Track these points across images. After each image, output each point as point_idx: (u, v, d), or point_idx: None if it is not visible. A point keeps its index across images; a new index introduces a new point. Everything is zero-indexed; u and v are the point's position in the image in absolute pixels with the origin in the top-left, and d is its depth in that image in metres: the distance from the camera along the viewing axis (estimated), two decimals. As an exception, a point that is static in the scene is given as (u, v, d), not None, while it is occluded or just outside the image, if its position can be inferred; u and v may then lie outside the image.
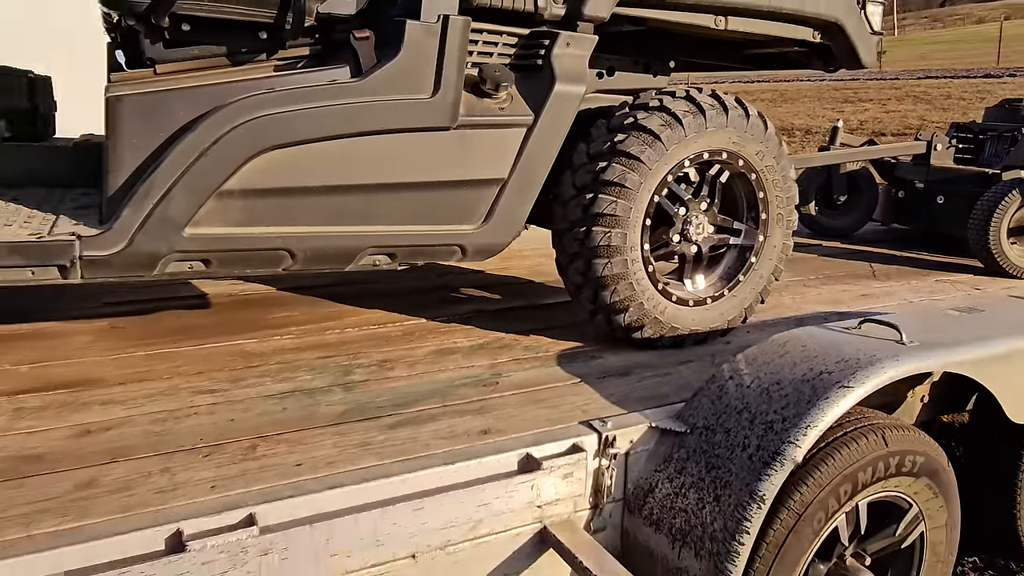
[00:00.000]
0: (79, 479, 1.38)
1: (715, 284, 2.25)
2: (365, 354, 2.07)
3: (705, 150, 2.06)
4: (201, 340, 2.15)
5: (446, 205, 1.77)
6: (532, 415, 1.72)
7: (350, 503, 1.36)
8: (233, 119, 1.50)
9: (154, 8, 1.51)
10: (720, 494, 1.53)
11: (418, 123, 1.67)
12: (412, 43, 1.62)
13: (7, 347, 2.03)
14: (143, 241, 1.49)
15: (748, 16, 2.13)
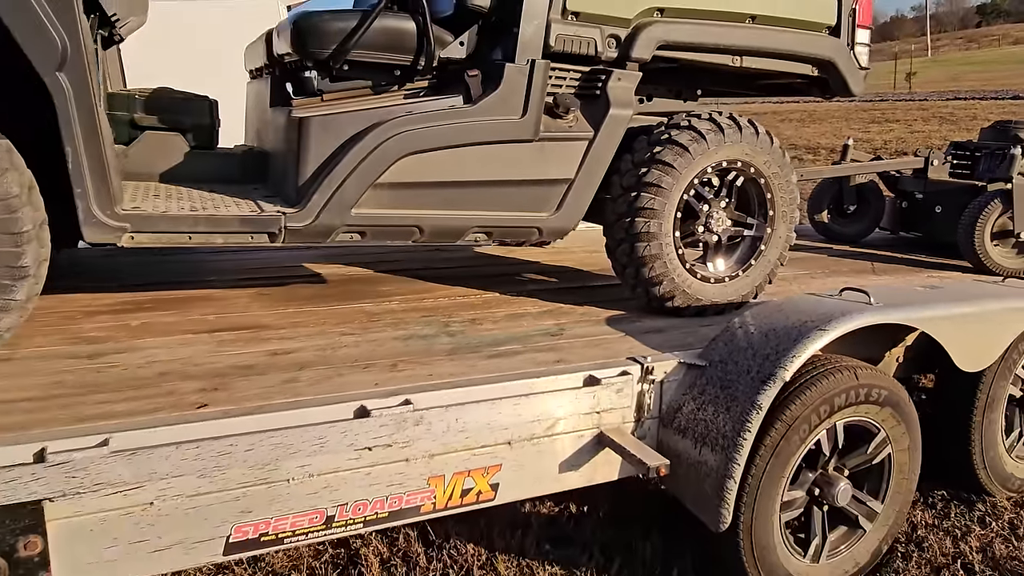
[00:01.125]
0: (284, 377, 2.01)
1: (731, 266, 2.83)
2: (457, 315, 2.68)
3: (724, 159, 2.65)
4: (330, 303, 2.78)
5: (529, 197, 2.39)
6: (591, 353, 2.32)
7: (470, 399, 1.97)
8: (386, 133, 2.14)
9: (333, 55, 2.16)
10: (731, 406, 2.11)
11: (511, 137, 2.30)
12: (509, 80, 2.25)
13: (189, 305, 2.69)
14: (325, 217, 2.13)
15: (758, 56, 2.73)
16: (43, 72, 1.74)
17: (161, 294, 2.83)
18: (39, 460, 1.54)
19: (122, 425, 1.66)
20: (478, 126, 2.25)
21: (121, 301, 2.70)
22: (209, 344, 2.25)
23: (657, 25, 2.48)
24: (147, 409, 1.77)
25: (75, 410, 1.75)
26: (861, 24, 2.85)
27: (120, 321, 2.46)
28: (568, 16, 2.35)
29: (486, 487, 2.07)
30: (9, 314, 1.84)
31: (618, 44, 2.46)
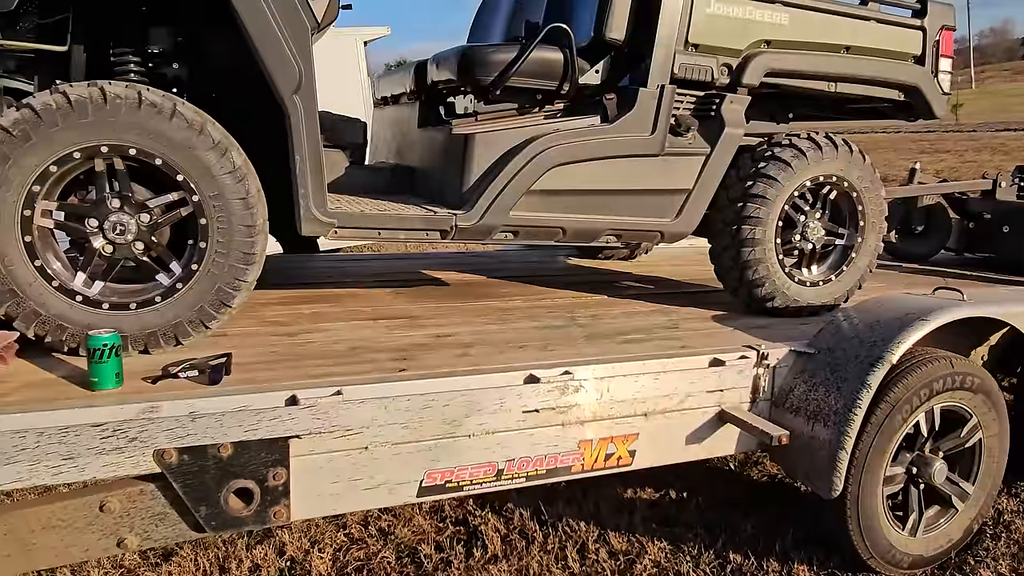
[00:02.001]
0: (456, 352, 2.35)
1: (825, 272, 3.12)
2: (578, 311, 3.01)
3: (821, 174, 2.96)
4: (462, 300, 3.14)
5: (654, 205, 2.73)
6: (709, 341, 2.62)
7: (618, 373, 2.28)
8: (539, 148, 2.50)
9: (494, 82, 2.54)
10: (841, 386, 2.39)
11: (641, 152, 2.65)
12: (642, 102, 2.61)
13: (344, 300, 3.07)
14: (488, 218, 2.49)
15: (852, 82, 3.04)
16: (284, 95, 2.14)
17: (315, 291, 3.21)
18: (292, 403, 1.90)
19: (348, 381, 2.01)
20: (614, 142, 2.60)
21: (283, 296, 3.08)
22: (379, 328, 2.61)
23: (765, 55, 2.82)
24: (359, 371, 2.12)
25: (302, 371, 2.11)
26: (944, 54, 3.15)
27: (293, 310, 2.84)
28: (689, 47, 2.71)
29: (625, 453, 2.37)
30: (240, 293, 2.21)
31: (730, 71, 2.80)
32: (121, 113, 2.00)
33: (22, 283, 1.99)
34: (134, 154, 2.04)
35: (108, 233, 2.07)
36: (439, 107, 2.95)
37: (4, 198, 1.94)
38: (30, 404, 1.77)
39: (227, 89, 2.45)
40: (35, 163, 1.95)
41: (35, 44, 2.20)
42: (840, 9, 2.97)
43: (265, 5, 2.07)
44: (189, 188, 2.09)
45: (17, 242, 1.97)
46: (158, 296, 2.13)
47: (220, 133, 2.12)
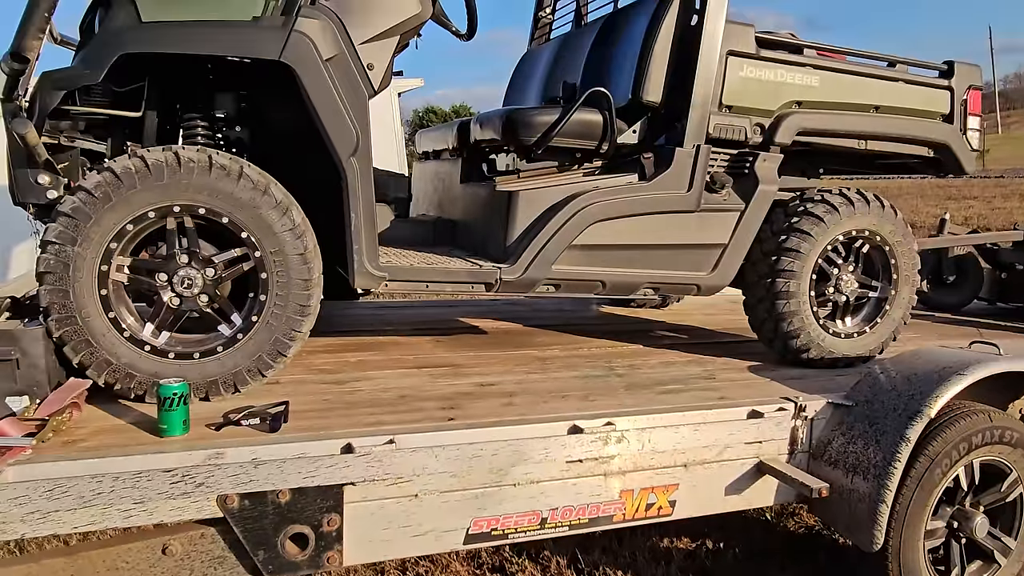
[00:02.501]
0: (501, 402, 2.42)
1: (859, 324, 3.16)
2: (615, 360, 3.07)
3: (853, 229, 3.02)
4: (501, 349, 3.22)
5: (691, 259, 2.81)
6: (746, 393, 2.66)
7: (658, 424, 2.34)
8: (580, 204, 2.61)
9: (537, 143, 2.67)
10: (880, 439, 2.42)
11: (678, 208, 2.74)
12: (678, 161, 2.72)
13: (387, 348, 3.16)
14: (531, 272, 2.59)
15: (881, 140, 3.13)
16: (342, 158, 2.28)
17: (358, 339, 3.32)
18: (347, 451, 1.98)
19: (400, 430, 2.09)
20: (652, 199, 2.70)
21: (329, 344, 3.19)
22: (424, 376, 2.70)
23: (796, 115, 2.92)
24: (409, 420, 2.20)
25: (354, 419, 2.20)
26: (972, 112, 3.24)
27: (340, 358, 2.95)
28: (723, 109, 2.82)
29: (665, 503, 2.41)
30: (295, 343, 2.32)
31: (763, 131, 2.90)
32: (193, 175, 2.14)
33: (97, 334, 2.12)
34: (203, 213, 2.17)
35: (176, 287, 2.20)
36: (481, 164, 3.08)
37: (84, 254, 2.08)
38: (105, 449, 1.87)
39: (285, 150, 2.59)
40: (114, 222, 2.09)
41: (113, 111, 2.36)
42: (869, 71, 3.08)
43: (328, 76, 2.22)
44: (252, 244, 2.22)
45: (94, 295, 2.10)
46: (220, 346, 2.25)
47: (282, 193, 2.26)
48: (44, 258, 2.07)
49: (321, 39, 2.22)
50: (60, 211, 2.08)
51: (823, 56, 3.02)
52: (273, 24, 2.19)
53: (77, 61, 2.21)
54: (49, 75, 2.12)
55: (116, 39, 2.10)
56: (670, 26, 2.76)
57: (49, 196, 2.27)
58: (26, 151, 2.19)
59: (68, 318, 2.09)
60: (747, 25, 2.84)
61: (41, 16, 2.03)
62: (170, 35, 2.13)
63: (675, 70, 2.77)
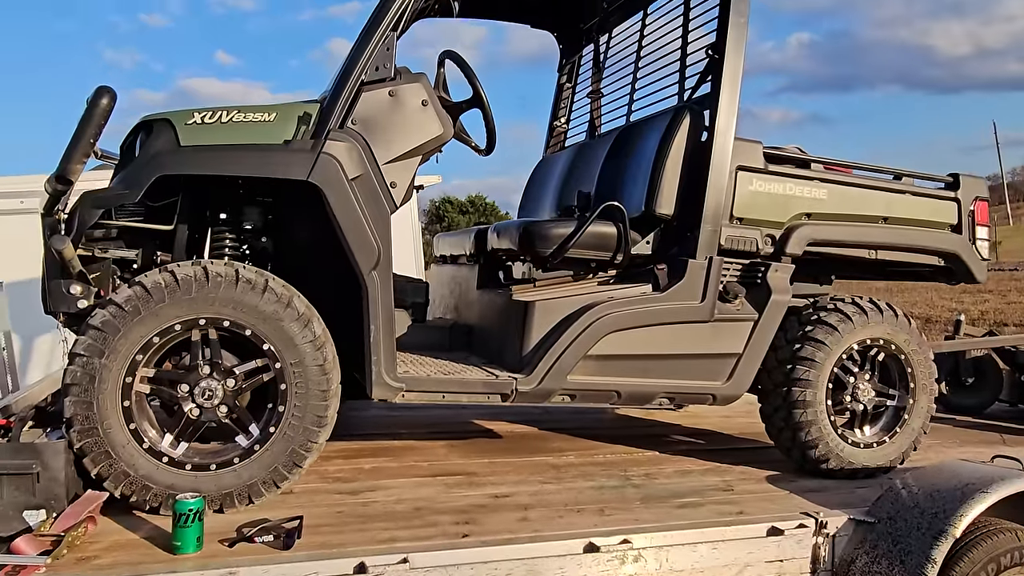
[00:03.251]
0: (516, 516, 2.39)
1: (878, 433, 3.12)
2: (631, 469, 3.04)
3: (868, 338, 3.04)
4: (516, 455, 3.20)
5: (706, 368, 2.83)
6: (765, 508, 2.62)
7: (676, 541, 2.29)
8: (596, 314, 2.65)
9: (552, 255, 2.74)
10: (905, 559, 2.36)
11: (692, 318, 2.78)
12: (691, 272, 2.77)
13: (401, 453, 3.15)
14: (547, 382, 2.60)
15: (891, 250, 3.18)
16: (363, 271, 2.35)
17: (373, 443, 3.31)
18: (360, 571, 1.95)
19: (414, 547, 2.07)
20: (666, 309, 2.74)
21: (343, 449, 3.18)
22: (439, 487, 2.68)
23: (806, 227, 2.99)
24: (423, 536, 2.18)
25: (368, 534, 2.18)
26: (980, 222, 3.30)
27: (354, 465, 2.94)
28: (735, 221, 2.89)
29: (685, 625, 2.33)
30: (311, 454, 2.33)
31: (774, 242, 2.96)
32: (220, 289, 2.21)
33: (117, 445, 2.14)
34: (227, 325, 2.23)
35: (197, 398, 2.23)
36: (498, 271, 3.15)
37: (110, 366, 2.13)
38: (118, 567, 1.86)
39: (310, 259, 2.68)
40: (141, 334, 2.15)
41: (147, 224, 2.47)
42: (875, 184, 3.16)
43: (353, 194, 2.32)
44: (273, 356, 2.26)
45: (117, 407, 2.13)
46: (236, 457, 2.26)
47: (304, 305, 2.32)
48: (71, 370, 2.11)
49: (347, 160, 2.33)
50: (90, 324, 2.14)
51: (830, 170, 3.11)
52: (303, 147, 2.31)
53: (117, 181, 2.32)
54: (90, 195, 2.24)
55: (156, 161, 2.22)
56: (681, 142, 2.88)
57: (80, 305, 2.34)
58: (61, 264, 2.27)
59: (90, 429, 2.11)
60: (755, 142, 2.95)
61: (87, 142, 2.15)
62: (207, 158, 2.25)
63: (687, 184, 2.87)
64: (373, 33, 2.38)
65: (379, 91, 2.41)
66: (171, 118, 2.29)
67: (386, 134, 2.42)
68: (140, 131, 2.34)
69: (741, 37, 2.86)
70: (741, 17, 2.85)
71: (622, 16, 3.81)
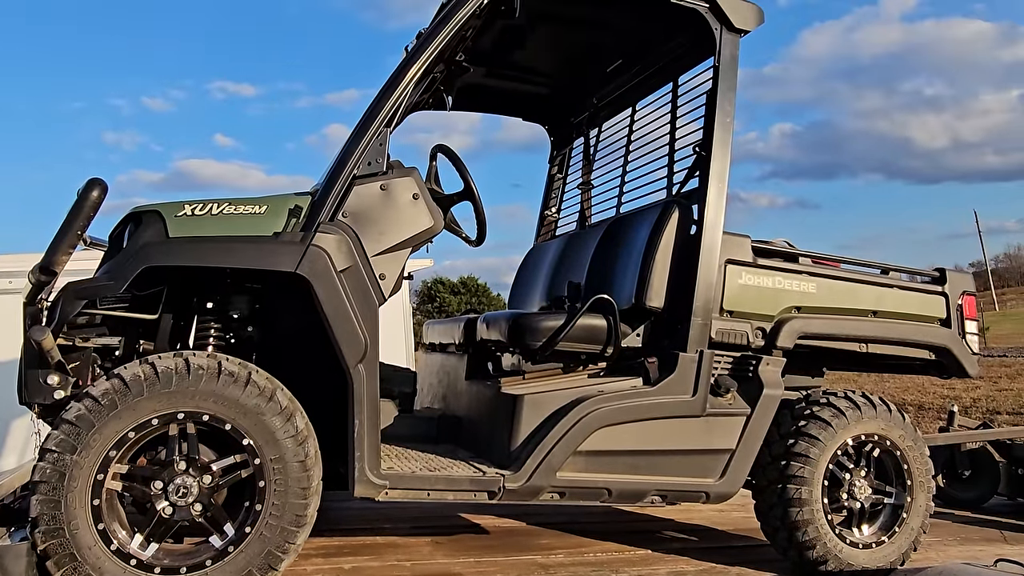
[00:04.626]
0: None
1: (876, 533, 3.03)
2: (623, 570, 2.91)
3: (862, 433, 2.98)
4: (503, 554, 3.07)
5: (698, 465, 2.75)
6: (764, 615, 2.51)
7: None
8: (586, 409, 2.60)
9: (542, 347, 2.71)
10: (911, 674, 2.24)
11: (683, 413, 2.73)
12: (682, 366, 2.74)
13: (383, 552, 3.03)
14: (535, 479, 2.52)
15: (881, 343, 3.17)
16: (349, 364, 2.30)
17: (354, 540, 3.18)
18: None
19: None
20: (657, 403, 2.70)
21: (323, 546, 3.05)
22: (419, 590, 2.55)
23: (796, 320, 2.99)
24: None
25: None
26: (968, 316, 3.31)
27: (334, 565, 2.81)
28: (725, 314, 2.89)
29: None
30: (288, 556, 2.22)
31: (764, 335, 2.95)
32: (201, 382, 2.16)
33: (83, 547, 2.03)
34: (207, 419, 2.17)
35: (171, 495, 2.15)
36: (487, 362, 3.11)
37: (82, 463, 2.05)
38: None
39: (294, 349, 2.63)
40: (117, 430, 2.08)
41: (131, 314, 2.43)
42: (863, 278, 3.18)
43: (341, 286, 2.30)
44: (253, 451, 2.19)
45: (86, 506, 2.04)
46: (209, 559, 2.15)
47: (287, 398, 2.26)
48: (41, 467, 2.03)
49: (336, 252, 2.32)
50: (64, 418, 2.07)
51: (818, 263, 3.13)
52: (292, 239, 2.31)
53: (103, 272, 2.30)
54: (73, 285, 2.21)
55: (143, 253, 2.21)
56: (671, 235, 2.90)
57: (56, 396, 2.27)
58: (40, 354, 2.22)
59: (56, 530, 2.02)
60: (743, 236, 2.97)
61: (75, 233, 2.14)
62: (195, 250, 2.24)
63: (676, 276, 2.87)
64: (367, 129, 2.42)
65: (371, 185, 2.43)
66: (161, 210, 2.29)
67: (376, 227, 2.42)
68: (129, 222, 2.34)
69: (727, 135, 2.92)
70: (727, 117, 2.93)
71: (611, 112, 3.91)
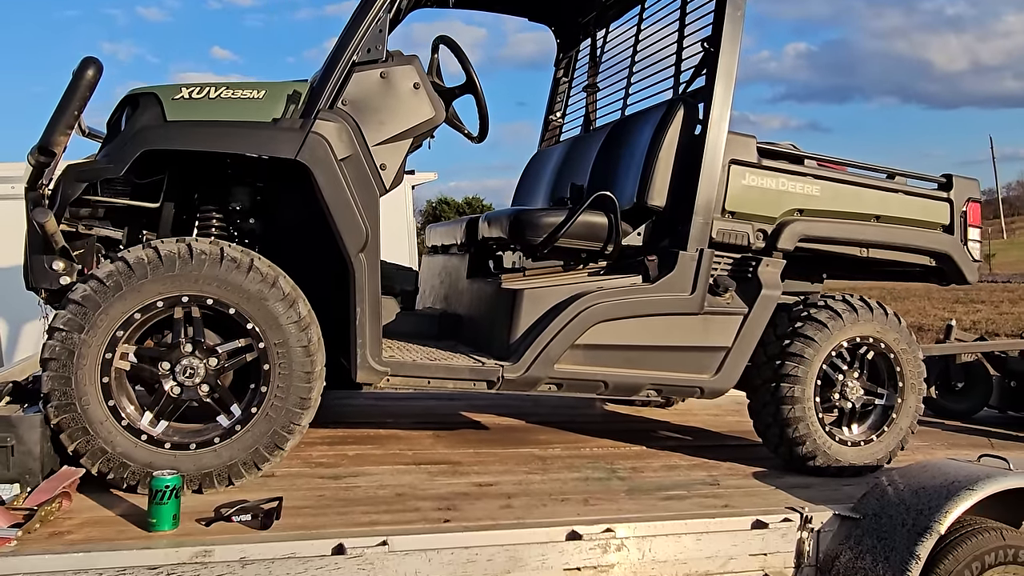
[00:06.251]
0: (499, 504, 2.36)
1: (865, 432, 3.11)
2: (618, 462, 3.01)
3: (857, 335, 3.02)
4: (501, 446, 3.17)
5: (694, 361, 2.81)
6: (751, 501, 2.59)
7: (660, 532, 2.27)
8: (585, 304, 2.64)
9: (543, 243, 2.72)
10: (889, 555, 2.34)
11: (681, 310, 2.76)
12: (682, 264, 2.76)
13: (386, 442, 3.13)
14: (534, 370, 2.58)
15: (883, 248, 3.17)
16: (351, 253, 2.32)
17: (358, 431, 3.28)
18: (338, 552, 1.93)
19: (394, 531, 2.04)
20: (656, 300, 2.73)
21: (328, 436, 3.15)
22: (422, 474, 2.65)
23: (798, 223, 2.98)
24: (404, 520, 2.15)
25: (349, 517, 2.15)
26: (972, 224, 3.29)
27: (338, 451, 2.91)
28: (726, 215, 2.88)
29: (667, 619, 2.31)
30: (293, 436, 2.30)
31: (765, 237, 2.95)
32: (204, 267, 2.18)
33: (95, 422, 2.11)
34: (211, 303, 2.21)
35: (178, 376, 2.21)
36: (488, 260, 3.13)
37: (90, 342, 2.10)
38: (92, 543, 1.83)
39: (295, 241, 2.65)
40: (122, 310, 2.12)
41: (132, 202, 2.44)
42: (868, 182, 3.15)
43: (341, 175, 2.30)
44: (257, 336, 2.24)
45: (96, 383, 2.10)
46: (217, 437, 2.23)
47: (290, 286, 2.29)
48: (50, 344, 2.09)
49: (337, 140, 2.30)
50: (71, 298, 2.11)
51: (824, 166, 3.10)
52: (292, 126, 2.29)
53: (102, 156, 2.29)
54: (74, 168, 2.21)
55: (141, 136, 2.19)
56: (675, 134, 2.86)
57: (62, 282, 2.31)
58: (44, 238, 2.25)
59: (68, 405, 2.08)
60: (749, 136, 2.93)
61: (71, 113, 2.13)
62: (193, 134, 2.22)
63: (679, 176, 2.85)
64: (366, 13, 2.36)
65: (370, 72, 2.39)
66: (158, 92, 2.26)
67: (377, 116, 2.39)
68: (127, 105, 2.31)
69: (737, 30, 2.84)
70: (737, 10, 2.84)
71: (620, 11, 3.80)
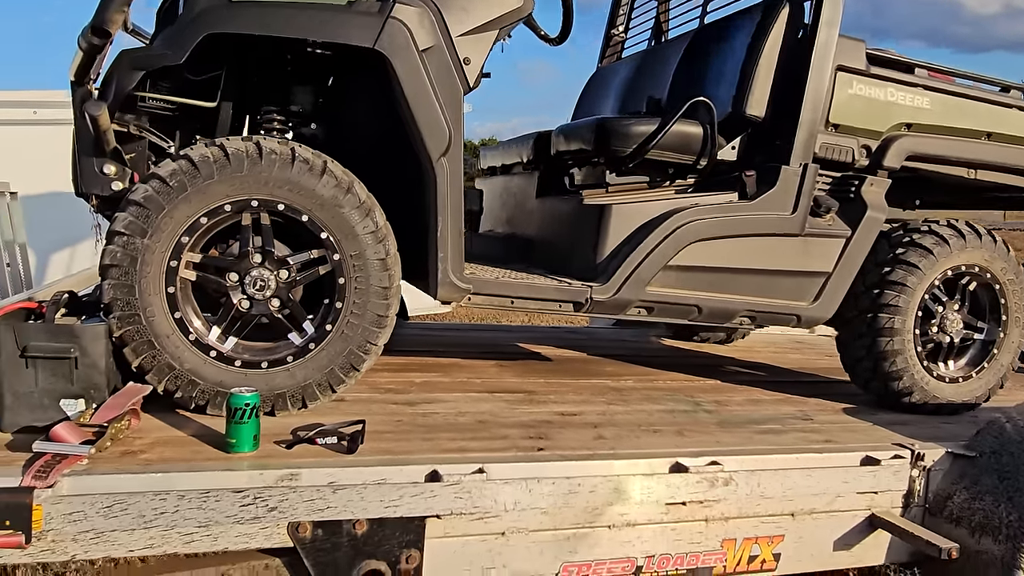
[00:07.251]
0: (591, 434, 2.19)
1: (964, 368, 2.90)
2: (698, 395, 2.83)
3: (963, 264, 2.78)
4: (572, 376, 2.99)
5: (792, 287, 2.59)
6: (853, 438, 2.41)
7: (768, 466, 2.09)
8: (679, 221, 2.40)
9: (632, 155, 2.48)
10: (1013, 495, 2.16)
11: (781, 231, 2.53)
12: (784, 180, 2.51)
13: (450, 370, 2.95)
14: (623, 293, 2.37)
15: (993, 170, 2.90)
16: (432, 157, 2.09)
17: (418, 359, 3.11)
18: (433, 479, 1.76)
19: (488, 458, 1.87)
20: (754, 219, 2.49)
21: (388, 363, 2.97)
22: (499, 402, 2.48)
23: (906, 138, 2.71)
24: (495, 448, 1.98)
25: (436, 443, 1.98)
26: (1091, 145, 3.00)
27: (404, 378, 2.74)
28: (830, 128, 2.61)
29: (769, 556, 2.16)
30: (370, 356, 2.12)
31: (870, 153, 2.68)
32: (275, 168, 1.96)
33: (160, 335, 1.93)
34: (282, 209, 2.00)
35: (248, 288, 2.01)
36: (562, 178, 2.89)
37: (154, 247, 1.90)
38: (169, 463, 1.67)
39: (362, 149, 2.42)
40: (187, 214, 1.92)
41: (188, 100, 2.21)
42: (982, 95, 2.86)
43: (423, 68, 2.05)
44: (331, 246, 2.03)
45: (161, 293, 1.92)
46: (290, 356, 2.05)
47: (365, 194, 2.07)
48: (110, 250, 1.89)
49: (418, 28, 2.05)
50: (131, 199, 1.91)
51: (934, 77, 2.81)
52: (369, 10, 2.03)
53: (159, 42, 2.06)
54: (128, 53, 1.98)
55: (203, 18, 1.95)
56: (778, 35, 2.58)
57: (114, 188, 2.11)
58: (95, 138, 2.03)
59: (131, 316, 1.90)
60: (858, 40, 2.64)
61: (128, -14, 1.88)
62: (261, 16, 1.97)
63: (781, 84, 2.58)
64: None
65: (454, -47, 2.12)
66: (221, -30, 2.01)
67: (460, 2, 2.13)
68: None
69: (853, -84, 2.53)
70: None
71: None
